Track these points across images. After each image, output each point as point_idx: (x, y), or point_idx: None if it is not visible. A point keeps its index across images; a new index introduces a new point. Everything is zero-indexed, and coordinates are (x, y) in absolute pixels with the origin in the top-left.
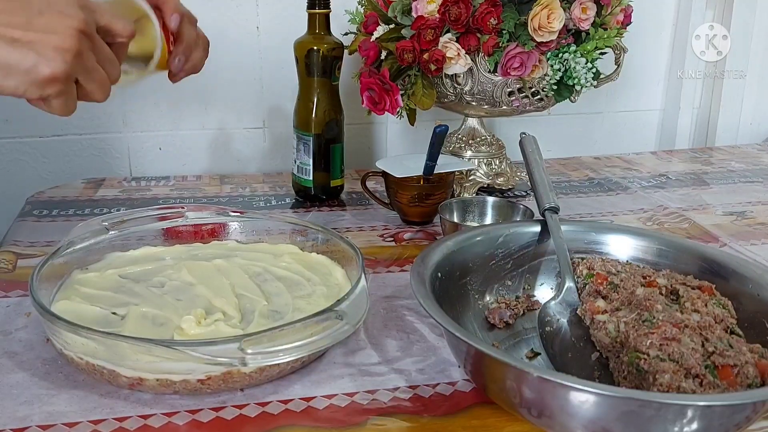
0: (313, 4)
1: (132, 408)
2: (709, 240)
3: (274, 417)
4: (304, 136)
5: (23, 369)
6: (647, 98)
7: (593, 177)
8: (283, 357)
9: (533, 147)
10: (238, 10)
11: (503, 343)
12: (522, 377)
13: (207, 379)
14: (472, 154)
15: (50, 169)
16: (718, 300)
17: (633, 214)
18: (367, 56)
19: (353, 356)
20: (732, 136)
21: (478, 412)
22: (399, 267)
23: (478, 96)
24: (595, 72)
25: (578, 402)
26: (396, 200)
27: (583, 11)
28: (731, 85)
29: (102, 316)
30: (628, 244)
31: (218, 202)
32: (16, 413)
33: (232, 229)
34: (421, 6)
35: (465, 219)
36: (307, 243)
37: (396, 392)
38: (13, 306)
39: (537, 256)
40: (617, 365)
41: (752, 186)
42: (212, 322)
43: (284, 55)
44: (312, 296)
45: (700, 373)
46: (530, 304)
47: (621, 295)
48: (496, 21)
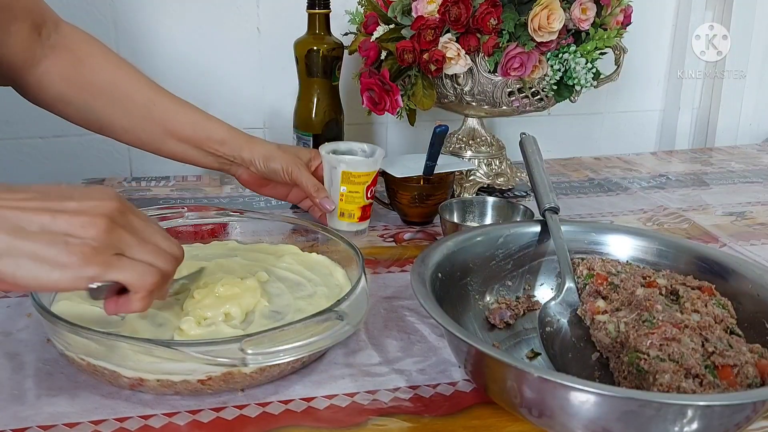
0: (313, 4)
1: (133, 408)
2: (709, 240)
3: (275, 417)
4: (304, 136)
5: (24, 370)
6: (647, 98)
7: (593, 177)
8: (284, 357)
9: (533, 147)
10: (238, 10)
11: (503, 344)
12: (522, 377)
13: (208, 379)
14: (472, 154)
15: (51, 169)
16: (718, 300)
17: (633, 214)
18: (367, 56)
19: (354, 356)
20: (732, 137)
21: (478, 413)
22: (399, 267)
23: (478, 96)
24: (595, 72)
25: (578, 402)
26: (396, 200)
27: (583, 11)
28: (731, 86)
29: (103, 316)
30: (628, 244)
31: (218, 202)
32: (17, 414)
33: (232, 229)
34: (421, 6)
35: (465, 219)
36: (308, 243)
37: (396, 392)
38: (14, 306)
39: (537, 257)
40: (617, 365)
41: (752, 186)
42: (212, 322)
43: (284, 55)
44: (313, 297)
45: (700, 373)
46: (530, 305)
47: (621, 296)
48: (496, 21)
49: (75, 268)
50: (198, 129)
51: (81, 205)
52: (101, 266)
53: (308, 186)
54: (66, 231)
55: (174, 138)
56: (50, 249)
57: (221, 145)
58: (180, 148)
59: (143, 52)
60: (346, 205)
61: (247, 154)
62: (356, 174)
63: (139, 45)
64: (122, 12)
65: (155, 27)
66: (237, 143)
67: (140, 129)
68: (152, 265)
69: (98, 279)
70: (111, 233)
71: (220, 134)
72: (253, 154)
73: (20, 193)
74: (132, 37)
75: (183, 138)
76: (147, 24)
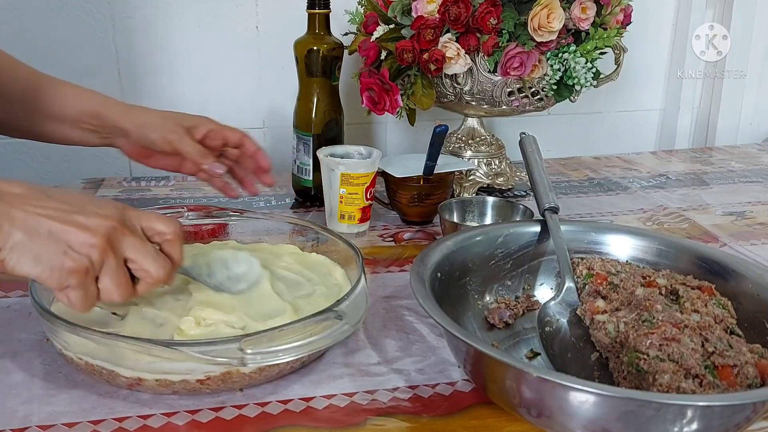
0: (313, 4)
1: (131, 408)
2: (709, 240)
3: (274, 417)
4: (304, 136)
5: (23, 369)
6: (647, 98)
7: (593, 177)
8: (283, 357)
9: (533, 147)
10: (238, 10)
11: (503, 343)
12: (522, 377)
13: (206, 379)
14: (471, 154)
15: (50, 169)
16: (718, 300)
17: (633, 214)
18: (366, 56)
19: (353, 356)
20: (732, 136)
21: (477, 412)
22: (399, 267)
23: (478, 96)
24: (595, 72)
25: (578, 402)
26: (396, 200)
27: (582, 11)
28: (731, 85)
29: (101, 316)
30: (628, 244)
31: (218, 202)
32: (16, 413)
33: (232, 229)
34: (420, 6)
35: (465, 219)
36: (307, 243)
37: (395, 392)
38: (13, 306)
39: (537, 256)
40: (617, 365)
41: (752, 186)
42: (212, 322)
43: (284, 55)
44: (312, 296)
45: (700, 373)
46: (530, 304)
47: (621, 295)
48: (496, 21)
49: (61, 275)
50: (69, 105)
51: (86, 221)
52: (76, 283)
53: (192, 153)
54: (68, 242)
55: (46, 119)
56: (49, 254)
57: (96, 119)
58: (56, 129)
59: (142, 51)
60: (346, 207)
61: (124, 123)
62: (355, 175)
63: (138, 44)
64: (120, 11)
65: (154, 26)
66: (112, 114)
67: (6, 113)
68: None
69: (67, 290)
70: (102, 254)
71: (92, 107)
72: (130, 124)
73: (47, 201)
74: (130, 36)
75: (54, 117)
76: (145, 23)
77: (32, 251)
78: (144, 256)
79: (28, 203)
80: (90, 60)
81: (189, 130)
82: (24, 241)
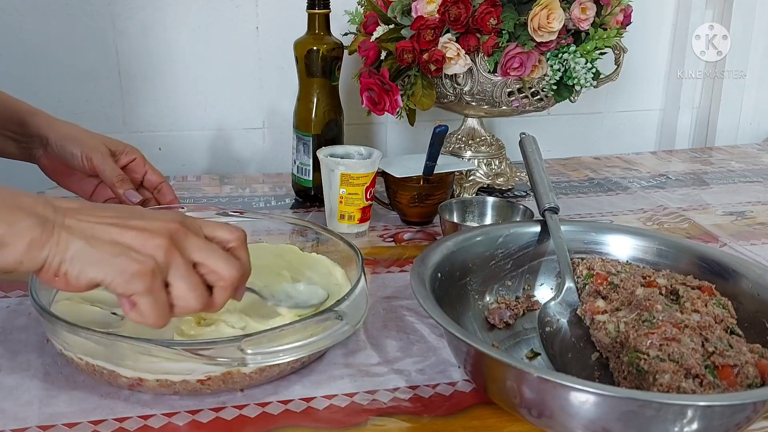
0: (312, 4)
1: (132, 408)
2: (709, 240)
3: (274, 417)
4: (304, 137)
5: (23, 370)
6: (647, 98)
7: (593, 177)
8: (283, 357)
9: (533, 147)
10: (238, 10)
11: (503, 344)
12: (522, 377)
13: (207, 379)
14: (471, 154)
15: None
16: (718, 300)
17: (633, 214)
18: (366, 56)
19: (353, 357)
20: (732, 136)
21: (478, 413)
22: (399, 267)
23: (478, 96)
24: (594, 72)
25: (578, 402)
26: (396, 200)
27: (582, 11)
28: (731, 85)
29: (102, 316)
30: (628, 244)
31: (218, 202)
32: (16, 414)
33: None
34: (420, 6)
35: (465, 219)
36: (307, 243)
37: (396, 392)
38: (13, 306)
39: (537, 257)
40: (617, 365)
41: (752, 186)
42: (212, 322)
43: (284, 55)
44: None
45: (700, 373)
46: (530, 305)
47: (621, 295)
48: (496, 21)
49: (126, 280)
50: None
51: (147, 224)
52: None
53: (110, 175)
54: (130, 245)
55: None
56: (112, 259)
57: (19, 126)
58: None
59: (142, 52)
60: (346, 207)
61: (47, 132)
62: (355, 176)
63: (138, 45)
64: (120, 12)
65: (154, 27)
66: (37, 123)
67: None
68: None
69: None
70: (168, 253)
71: (19, 115)
72: (53, 133)
73: (102, 211)
74: (130, 37)
75: None
76: (146, 24)
77: (94, 257)
78: (211, 256)
79: (84, 213)
80: (90, 61)
81: (113, 153)
82: (84, 248)
